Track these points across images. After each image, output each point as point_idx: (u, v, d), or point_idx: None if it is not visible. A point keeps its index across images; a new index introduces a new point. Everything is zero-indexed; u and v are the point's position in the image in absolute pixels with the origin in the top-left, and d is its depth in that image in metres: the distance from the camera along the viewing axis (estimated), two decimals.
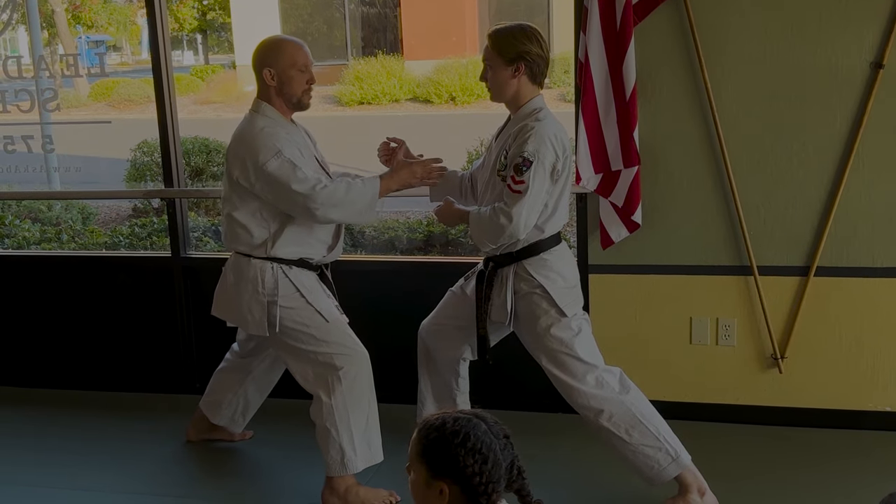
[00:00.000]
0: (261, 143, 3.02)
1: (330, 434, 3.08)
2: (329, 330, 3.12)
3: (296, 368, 3.18)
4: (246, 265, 3.14)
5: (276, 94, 3.11)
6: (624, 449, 2.98)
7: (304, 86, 3.11)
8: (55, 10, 13.23)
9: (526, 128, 2.92)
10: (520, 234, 2.92)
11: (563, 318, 3.01)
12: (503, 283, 3.05)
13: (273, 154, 2.99)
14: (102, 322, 4.27)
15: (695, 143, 3.50)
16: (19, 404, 4.22)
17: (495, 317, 3.09)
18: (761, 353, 3.61)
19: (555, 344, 3.01)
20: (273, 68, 3.09)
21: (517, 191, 2.87)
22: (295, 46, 3.12)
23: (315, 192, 2.96)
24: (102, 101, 13.93)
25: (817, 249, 3.45)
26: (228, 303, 3.23)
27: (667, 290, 3.63)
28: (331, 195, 2.98)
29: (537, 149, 2.87)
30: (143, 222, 5.89)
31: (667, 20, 3.43)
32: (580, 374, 3.00)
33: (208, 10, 21.56)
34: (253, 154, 3.02)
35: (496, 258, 3.07)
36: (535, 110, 2.96)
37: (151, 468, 3.55)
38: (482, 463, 1.70)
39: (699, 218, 3.55)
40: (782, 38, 3.36)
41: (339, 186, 3.01)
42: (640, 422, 2.97)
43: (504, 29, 2.98)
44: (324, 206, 2.97)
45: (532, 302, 3.02)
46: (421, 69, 15.24)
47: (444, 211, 3.14)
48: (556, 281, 3.02)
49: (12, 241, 5.56)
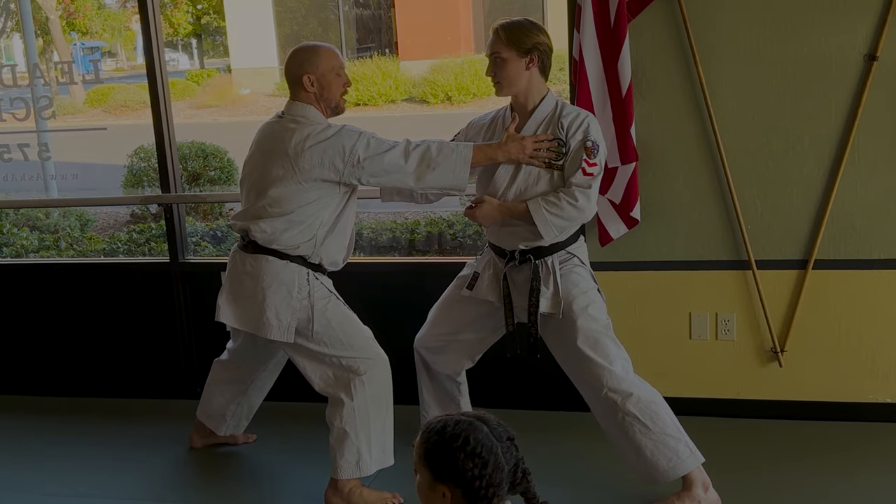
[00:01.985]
0: (339, 133, 3.01)
1: (348, 436, 3.07)
2: (356, 335, 3.13)
3: (314, 371, 3.15)
4: (283, 268, 3.09)
5: (316, 100, 3.11)
6: (646, 437, 2.93)
7: (342, 89, 3.14)
8: (49, 17, 13.21)
9: (580, 115, 3.01)
10: (591, 215, 3.02)
11: (599, 298, 3.06)
12: (550, 272, 3.04)
13: (357, 137, 3.00)
14: (102, 328, 4.27)
15: (691, 139, 3.50)
16: (19, 412, 4.21)
17: (549, 308, 3.03)
18: (761, 347, 3.61)
19: (593, 324, 3.00)
20: (313, 74, 3.08)
21: (591, 173, 2.97)
22: (331, 52, 3.14)
23: (409, 152, 2.99)
24: (98, 107, 13.91)
25: (815, 243, 3.46)
26: (247, 307, 3.15)
27: (666, 286, 3.64)
28: (423, 155, 3.00)
29: (598, 134, 3.01)
30: (142, 228, 5.88)
31: (661, 16, 3.43)
32: (612, 355, 2.99)
33: (202, 15, 21.53)
34: (337, 146, 2.99)
35: (535, 251, 3.04)
36: (558, 101, 3.04)
37: (152, 473, 3.55)
38: (482, 466, 1.69)
39: (697, 213, 3.56)
40: (776, 32, 3.37)
41: (430, 146, 3.02)
42: (661, 411, 2.96)
43: (514, 22, 3.01)
44: (418, 169, 3.00)
45: (570, 282, 3.03)
46: (416, 69, 15.23)
47: (487, 210, 3.07)
48: (587, 263, 3.12)
49: (10, 249, 5.56)
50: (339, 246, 3.18)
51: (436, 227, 5.26)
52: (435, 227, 5.27)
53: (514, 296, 3.10)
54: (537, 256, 3.04)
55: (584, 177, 2.96)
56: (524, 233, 3.03)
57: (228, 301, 3.19)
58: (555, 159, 3.00)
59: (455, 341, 3.30)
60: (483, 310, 3.20)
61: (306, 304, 3.09)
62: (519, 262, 3.07)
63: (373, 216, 6.09)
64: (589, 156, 2.95)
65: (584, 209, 2.98)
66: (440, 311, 3.34)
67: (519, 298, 3.09)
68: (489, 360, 3.42)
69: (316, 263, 3.14)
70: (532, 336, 3.06)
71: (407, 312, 3.57)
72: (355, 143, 2.99)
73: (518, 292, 3.09)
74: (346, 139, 2.99)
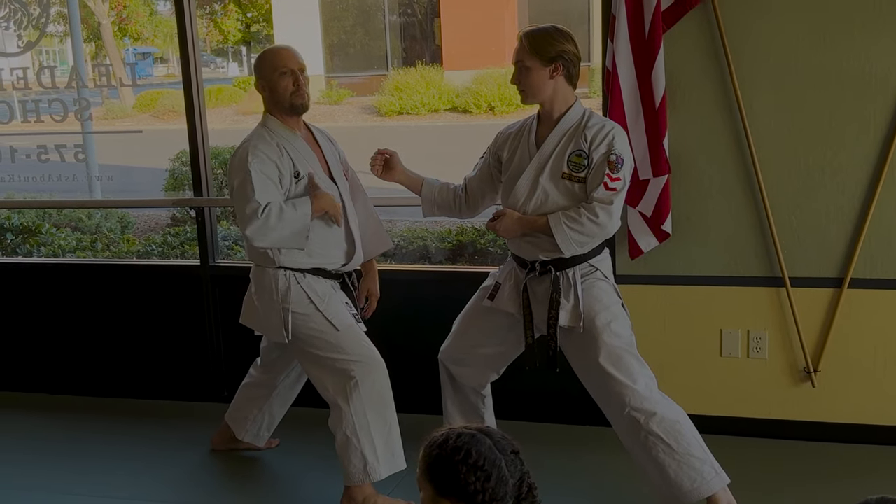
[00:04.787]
0: (236, 161, 3.07)
1: (351, 442, 3.07)
2: (341, 337, 3.11)
3: (316, 376, 3.18)
4: (261, 274, 3.18)
5: (272, 104, 3.13)
6: (669, 457, 2.86)
7: (291, 87, 3.10)
8: (102, 22, 13.48)
9: (606, 127, 2.95)
10: (612, 231, 2.96)
11: (623, 313, 3.00)
12: (570, 285, 2.99)
13: (240, 174, 3.02)
14: (131, 329, 4.31)
15: (725, 152, 3.44)
16: (47, 410, 4.27)
17: (568, 321, 2.98)
18: (793, 366, 3.52)
19: (616, 340, 2.94)
20: (262, 79, 3.13)
21: (613, 188, 2.90)
22: (274, 51, 3.14)
23: (251, 218, 2.97)
24: (147, 111, 14.13)
25: (851, 261, 3.37)
26: (252, 311, 3.26)
27: (696, 302, 3.57)
28: (264, 221, 2.98)
29: (624, 146, 2.94)
30: (177, 231, 5.94)
31: (696, 27, 3.37)
32: (636, 373, 2.92)
33: (252, 23, 21.80)
34: (231, 169, 3.09)
35: (556, 262, 3.00)
36: (586, 111, 3.00)
37: (177, 475, 3.57)
38: (485, 480, 1.65)
39: (730, 228, 3.49)
40: (814, 45, 3.29)
41: (271, 212, 2.98)
42: (685, 430, 2.89)
43: (539, 29, 2.97)
44: (255, 233, 2.98)
45: (592, 296, 2.97)
46: (460, 79, 15.25)
47: (508, 223, 3.02)
48: (611, 277, 3.06)
49: (48, 248, 5.65)
50: (316, 247, 3.12)
51: (467, 237, 5.23)
52: (466, 236, 5.24)
53: (534, 307, 3.05)
54: (558, 268, 3.00)
55: (606, 192, 2.90)
56: (545, 244, 2.99)
57: (245, 303, 3.30)
58: (576, 171, 2.95)
59: (478, 354, 3.27)
60: (504, 322, 3.16)
61: (288, 307, 3.10)
62: (539, 274, 3.03)
63: (408, 224, 6.08)
64: (612, 170, 2.89)
65: (605, 226, 2.92)
66: (463, 323, 3.31)
67: (539, 310, 3.04)
68: (510, 372, 3.38)
69: (295, 267, 3.13)
70: (551, 349, 3.02)
71: (433, 320, 3.54)
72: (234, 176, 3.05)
73: (538, 304, 3.04)
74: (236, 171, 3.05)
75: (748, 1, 3.31)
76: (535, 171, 3.00)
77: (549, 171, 2.98)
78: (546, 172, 2.98)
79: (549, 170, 2.98)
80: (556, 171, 2.97)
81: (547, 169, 2.98)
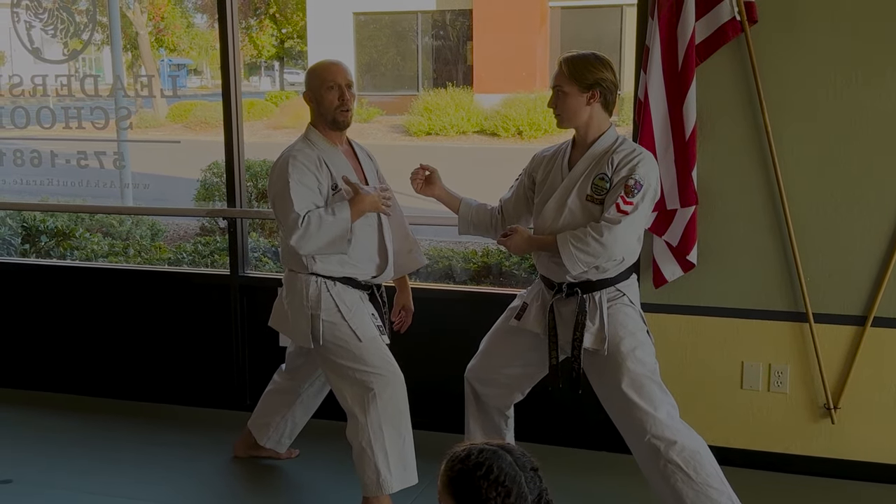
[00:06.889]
0: (276, 171, 3.16)
1: (366, 453, 3.11)
2: (363, 349, 3.15)
3: (336, 386, 3.23)
4: (293, 279, 3.23)
5: (317, 116, 3.21)
6: (687, 487, 2.87)
7: (336, 102, 3.17)
8: (139, 32, 13.70)
9: (633, 152, 2.96)
10: (618, 254, 2.95)
11: (648, 340, 3.01)
12: (597, 308, 3.02)
13: (279, 184, 3.10)
14: (160, 334, 4.38)
15: (753, 185, 3.47)
16: (73, 411, 4.34)
17: (593, 343, 3.00)
18: (814, 401, 3.53)
19: (639, 367, 2.96)
20: (310, 90, 3.20)
21: (624, 211, 2.91)
22: (324, 65, 3.21)
23: (293, 228, 3.04)
24: (180, 122, 14.31)
25: (875, 299, 3.38)
26: (282, 315, 3.32)
27: (719, 333, 3.59)
28: (305, 229, 3.05)
29: (648, 174, 2.94)
30: (207, 240, 6.02)
31: (728, 61, 3.41)
32: (658, 401, 2.94)
33: (286, 39, 22.06)
34: (271, 179, 3.19)
35: (583, 284, 3.02)
36: (619, 137, 3.02)
37: (199, 481, 3.62)
38: (505, 496, 1.68)
39: (755, 261, 3.51)
40: (846, 81, 3.32)
41: (311, 220, 3.06)
42: (705, 460, 2.90)
43: (579, 56, 3.01)
44: (298, 242, 3.05)
45: (617, 322, 2.99)
46: (489, 102, 15.34)
47: (518, 241, 3.09)
48: (637, 303, 3.07)
49: (81, 252, 5.74)
50: (349, 257, 3.18)
51: (493, 259, 5.26)
52: (492, 258, 5.27)
53: (559, 328, 3.08)
54: (585, 290, 3.03)
55: (615, 213, 2.91)
56: None
57: (275, 307, 3.37)
58: (597, 194, 2.98)
59: (504, 374, 3.29)
60: (530, 342, 3.19)
61: (318, 313, 3.15)
62: (566, 295, 3.06)
63: (433, 243, 6.12)
64: (627, 193, 2.90)
65: (608, 245, 2.91)
66: (490, 342, 3.34)
67: (564, 332, 3.07)
68: (532, 395, 3.41)
69: (328, 275, 3.18)
70: (575, 371, 3.04)
71: (457, 340, 3.59)
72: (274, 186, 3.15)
73: (563, 325, 3.07)
74: (276, 181, 3.14)
75: (782, 37, 3.35)
76: (563, 193, 3.04)
77: (576, 193, 3.02)
78: (573, 195, 3.02)
79: (576, 192, 3.02)
80: (582, 194, 3.01)
81: (574, 191, 3.02)
